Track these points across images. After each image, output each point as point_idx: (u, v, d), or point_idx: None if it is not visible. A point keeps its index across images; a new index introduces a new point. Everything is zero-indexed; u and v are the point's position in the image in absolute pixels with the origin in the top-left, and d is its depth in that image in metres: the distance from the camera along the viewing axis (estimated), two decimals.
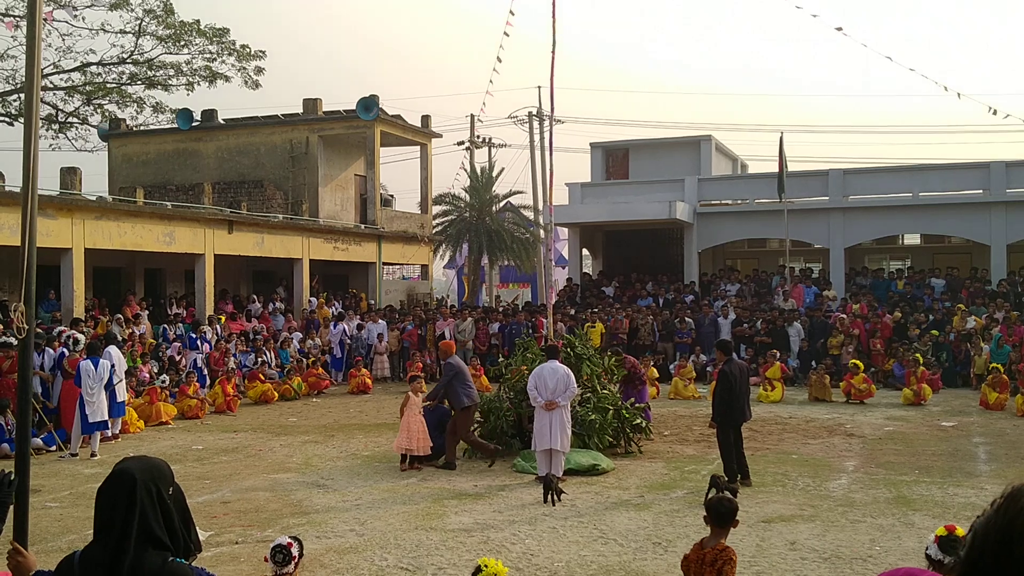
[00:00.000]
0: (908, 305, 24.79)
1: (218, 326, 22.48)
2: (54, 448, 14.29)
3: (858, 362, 20.29)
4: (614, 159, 33.09)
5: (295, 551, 5.46)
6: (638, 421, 13.85)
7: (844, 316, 23.74)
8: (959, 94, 24.67)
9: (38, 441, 13.86)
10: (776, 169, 27.59)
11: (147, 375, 18.09)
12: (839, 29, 22.65)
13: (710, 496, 8.09)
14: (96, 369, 14.22)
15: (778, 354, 21.20)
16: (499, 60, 19.41)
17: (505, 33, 17.85)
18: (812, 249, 30.66)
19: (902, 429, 15.85)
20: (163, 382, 17.71)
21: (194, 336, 21.39)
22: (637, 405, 14.21)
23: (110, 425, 15.01)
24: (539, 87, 40.55)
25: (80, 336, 16.38)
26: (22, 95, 30.69)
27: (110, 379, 14.61)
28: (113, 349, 15.58)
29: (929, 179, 27.98)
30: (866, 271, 28.86)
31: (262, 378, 20.55)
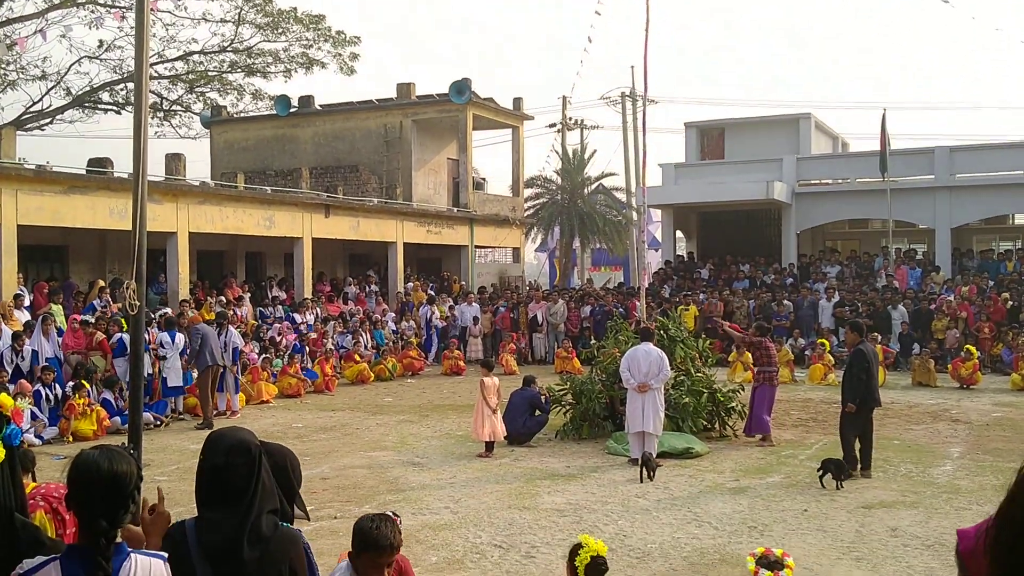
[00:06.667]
0: (1019, 287, 23.80)
1: (318, 308, 23.00)
2: (160, 424, 14.92)
3: (972, 348, 19.60)
4: (709, 139, 32.56)
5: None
6: (733, 404, 13.66)
7: (951, 299, 22.93)
8: None
9: (148, 416, 14.44)
10: (878, 147, 26.76)
11: (255, 356, 18.61)
12: (946, 1, 21.76)
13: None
14: (173, 341, 15.75)
15: (879, 337, 20.62)
16: (589, 40, 19.32)
17: (596, 12, 17.72)
18: (916, 229, 29.67)
19: (1011, 415, 15.26)
20: (280, 361, 18.98)
21: (295, 318, 21.94)
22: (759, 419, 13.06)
23: (228, 402, 16.20)
24: (632, 67, 40.15)
25: (166, 311, 17.83)
26: (129, 84, 31.83)
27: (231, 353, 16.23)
28: (233, 330, 16.86)
29: None
30: (971, 252, 27.79)
31: (358, 359, 20.95)
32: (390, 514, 5.59)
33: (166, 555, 2.92)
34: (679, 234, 33.57)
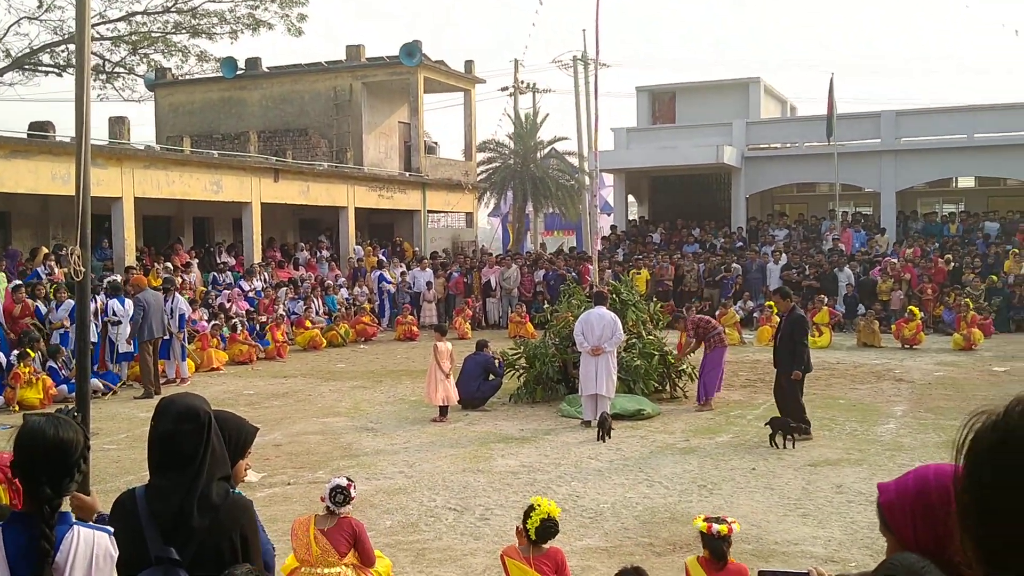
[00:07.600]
0: (961, 249, 24.34)
1: (266, 273, 22.76)
2: (108, 392, 14.72)
3: (915, 309, 20.02)
4: (660, 103, 32.64)
5: (354, 492, 5.53)
6: (683, 366, 13.83)
7: (895, 260, 23.39)
8: (1017, 31, 23.84)
9: (97, 383, 14.23)
10: (825, 111, 27.05)
11: (205, 323, 18.38)
12: None
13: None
14: (123, 307, 15.57)
15: (825, 299, 21.01)
16: (540, 3, 19.18)
17: None
18: (862, 193, 30.13)
19: (952, 374, 15.67)
20: (232, 327, 18.77)
21: (244, 285, 21.68)
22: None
23: (176, 369, 16.02)
24: (583, 30, 39.96)
25: (114, 277, 17.56)
26: (70, 46, 30.98)
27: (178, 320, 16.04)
28: (180, 297, 16.64)
29: (984, 120, 27.23)
30: (916, 215, 28.33)
31: (309, 324, 20.81)
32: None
33: (112, 530, 2.90)
34: (631, 198, 33.70)
